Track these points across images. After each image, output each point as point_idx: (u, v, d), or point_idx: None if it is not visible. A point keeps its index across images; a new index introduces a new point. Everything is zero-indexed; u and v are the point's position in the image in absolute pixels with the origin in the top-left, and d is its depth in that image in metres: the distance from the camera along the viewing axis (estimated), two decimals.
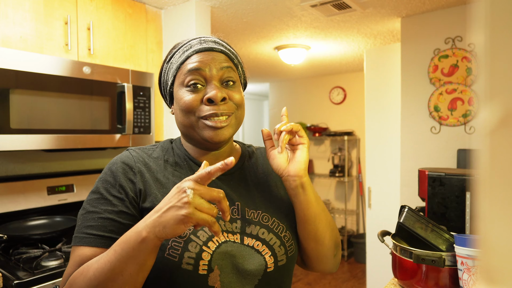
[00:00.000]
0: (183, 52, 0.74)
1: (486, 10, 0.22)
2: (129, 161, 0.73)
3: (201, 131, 0.71)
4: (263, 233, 0.72)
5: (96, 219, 0.67)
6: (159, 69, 0.82)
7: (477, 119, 0.23)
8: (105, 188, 0.70)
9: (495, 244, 0.22)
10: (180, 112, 0.73)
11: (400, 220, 1.19)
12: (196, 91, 0.71)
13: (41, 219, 1.82)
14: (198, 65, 0.71)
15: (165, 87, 0.80)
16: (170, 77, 0.76)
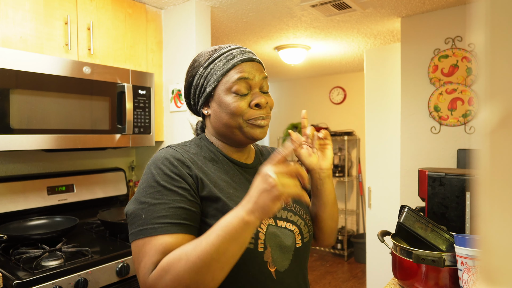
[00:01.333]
0: (227, 60, 0.82)
1: (486, 10, 0.22)
2: (179, 156, 0.79)
3: (249, 130, 0.82)
4: (291, 216, 0.87)
5: (167, 209, 0.71)
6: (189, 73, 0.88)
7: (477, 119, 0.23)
8: (166, 181, 0.74)
9: (495, 244, 0.22)
10: (226, 114, 0.82)
11: (400, 220, 1.19)
12: (243, 97, 0.82)
13: (41, 219, 1.82)
14: (246, 75, 0.81)
15: (201, 91, 0.85)
16: (213, 82, 0.82)
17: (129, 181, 2.40)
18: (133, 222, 0.73)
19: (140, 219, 0.72)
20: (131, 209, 0.74)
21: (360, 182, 4.52)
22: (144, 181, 0.76)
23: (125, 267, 1.56)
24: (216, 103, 0.83)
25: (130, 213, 0.74)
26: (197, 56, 0.88)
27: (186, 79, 0.89)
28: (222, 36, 2.87)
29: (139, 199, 0.74)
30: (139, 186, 0.77)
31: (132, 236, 0.72)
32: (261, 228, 0.79)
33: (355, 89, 4.60)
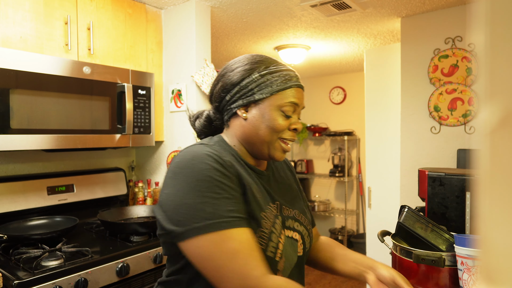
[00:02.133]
0: (285, 79, 0.85)
1: (486, 10, 0.22)
2: (219, 154, 0.79)
3: (274, 150, 0.86)
4: (297, 225, 0.90)
5: (232, 203, 0.73)
6: (239, 72, 0.88)
7: (477, 119, 0.23)
8: (220, 176, 0.74)
9: (495, 244, 0.22)
10: (266, 127, 0.84)
11: (400, 220, 1.19)
12: (288, 118, 0.85)
13: (41, 219, 1.81)
14: (298, 101, 0.86)
15: (247, 93, 0.86)
16: (266, 92, 0.84)
17: (129, 181, 2.40)
18: (195, 216, 0.70)
19: (205, 212, 0.70)
20: (188, 203, 0.71)
21: (360, 182, 4.52)
22: (191, 176, 0.73)
23: (125, 267, 1.56)
24: (259, 112, 0.84)
25: (187, 207, 0.71)
26: (251, 58, 0.89)
27: (231, 75, 0.88)
28: (222, 36, 2.87)
29: (195, 193, 0.72)
30: (181, 181, 0.74)
31: (199, 230, 0.70)
32: (281, 238, 0.82)
33: (355, 89, 4.60)
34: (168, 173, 0.78)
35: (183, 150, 0.80)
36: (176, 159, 0.79)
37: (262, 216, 0.80)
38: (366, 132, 3.22)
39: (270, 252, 0.79)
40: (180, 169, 0.75)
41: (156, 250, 1.73)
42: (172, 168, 0.77)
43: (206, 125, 0.97)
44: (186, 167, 0.75)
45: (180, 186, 0.73)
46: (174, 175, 0.76)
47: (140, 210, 2.06)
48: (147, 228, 1.78)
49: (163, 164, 2.33)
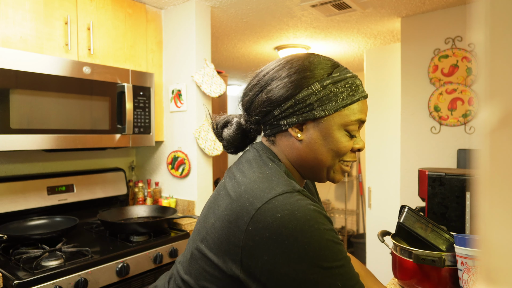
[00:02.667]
0: (352, 90, 0.70)
1: (486, 10, 0.22)
2: (318, 206, 0.65)
3: (335, 173, 0.75)
4: None
5: (350, 265, 0.63)
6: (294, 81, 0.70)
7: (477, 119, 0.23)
8: (335, 237, 0.63)
9: (495, 244, 0.22)
10: (329, 151, 0.71)
11: (400, 220, 1.19)
12: (352, 138, 0.73)
13: (41, 219, 1.82)
14: (365, 118, 0.73)
15: (303, 108, 0.70)
16: (329, 109, 0.69)
17: (129, 181, 2.40)
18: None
19: (336, 287, 0.59)
20: (313, 278, 0.58)
21: (360, 182, 4.52)
22: (312, 242, 0.58)
23: (125, 267, 1.56)
24: (320, 132, 0.70)
25: (313, 283, 0.58)
26: (306, 61, 0.71)
27: (280, 85, 0.70)
28: (222, 36, 2.87)
29: (320, 264, 0.58)
30: (296, 248, 0.58)
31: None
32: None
33: None
34: (264, 232, 0.59)
35: (278, 199, 0.61)
36: (274, 212, 0.60)
37: None
38: (366, 132, 3.22)
39: None
40: (292, 231, 0.58)
41: (156, 250, 1.73)
42: (274, 227, 0.59)
43: (238, 138, 0.79)
44: (301, 230, 0.58)
45: (297, 256, 0.58)
46: (282, 238, 0.58)
47: (140, 210, 2.06)
48: (147, 228, 1.78)
49: (163, 164, 2.33)
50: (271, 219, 0.59)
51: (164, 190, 2.33)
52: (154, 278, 1.71)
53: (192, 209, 2.14)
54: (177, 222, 1.99)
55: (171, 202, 2.18)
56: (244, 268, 0.61)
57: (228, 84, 4.99)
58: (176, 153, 2.22)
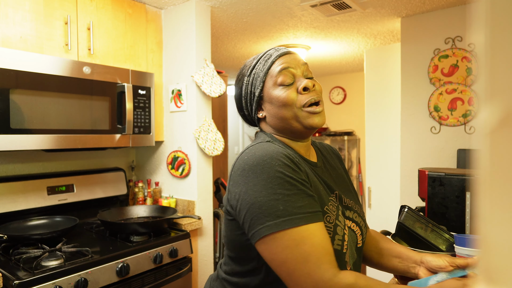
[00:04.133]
0: (265, 60, 0.86)
1: (486, 10, 0.22)
2: (288, 153, 0.77)
3: (305, 119, 0.82)
4: (356, 216, 0.88)
5: (303, 199, 0.72)
6: (236, 86, 0.92)
7: (477, 119, 0.23)
8: (291, 172, 0.73)
9: (495, 244, 0.22)
10: (279, 108, 0.83)
11: (400, 220, 1.19)
12: (290, 86, 0.83)
13: (41, 219, 1.82)
14: (286, 65, 0.84)
15: (251, 97, 0.88)
16: (258, 84, 0.85)
17: (129, 181, 2.40)
18: (269, 214, 0.69)
19: (277, 209, 0.69)
20: (260, 201, 0.71)
21: (360, 182, 4.52)
22: (262, 173, 0.72)
23: (125, 267, 1.56)
24: (267, 102, 0.85)
25: (259, 205, 0.70)
26: (241, 69, 0.91)
27: (236, 93, 0.92)
28: (222, 36, 2.87)
29: (267, 190, 0.71)
30: (253, 178, 0.72)
31: (272, 227, 0.69)
32: (346, 230, 0.81)
33: (355, 89, 4.60)
34: (237, 171, 0.77)
35: (249, 148, 0.79)
36: (244, 156, 0.77)
37: (326, 211, 0.78)
38: (366, 132, 3.22)
39: (337, 245, 0.78)
40: (251, 166, 0.74)
41: (156, 250, 1.73)
42: (241, 165, 0.76)
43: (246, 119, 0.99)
44: (257, 164, 0.73)
45: (252, 184, 0.72)
46: (244, 172, 0.74)
47: (140, 210, 2.06)
48: (147, 228, 1.78)
49: (163, 164, 2.33)
50: (242, 161, 0.77)
51: (164, 190, 2.33)
52: (154, 278, 1.72)
53: (192, 209, 2.14)
54: (177, 222, 1.99)
55: (171, 202, 2.18)
56: (230, 203, 0.78)
57: (228, 84, 4.99)
58: (176, 153, 2.22)
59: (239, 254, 0.82)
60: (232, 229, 0.80)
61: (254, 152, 0.76)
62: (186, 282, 1.88)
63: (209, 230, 2.22)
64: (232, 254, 0.84)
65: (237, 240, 0.80)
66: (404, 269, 0.94)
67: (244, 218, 0.73)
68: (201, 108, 2.17)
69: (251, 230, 0.72)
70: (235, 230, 0.79)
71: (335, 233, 0.78)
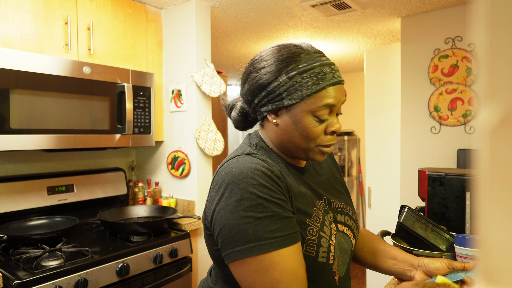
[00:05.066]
0: (317, 79, 0.73)
1: (486, 10, 0.22)
2: (270, 167, 0.73)
3: (314, 154, 0.79)
4: (347, 219, 0.86)
5: (275, 222, 0.68)
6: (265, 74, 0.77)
7: (477, 119, 0.23)
8: (266, 193, 0.69)
9: (495, 244, 0.22)
10: (300, 135, 0.76)
11: (400, 220, 1.19)
12: (323, 122, 0.76)
13: (41, 219, 1.82)
14: (334, 102, 0.74)
15: (275, 98, 0.76)
16: (295, 98, 0.74)
17: (129, 181, 2.40)
18: (238, 238, 0.67)
19: (247, 234, 0.67)
20: (230, 223, 0.68)
21: (360, 182, 4.52)
22: (236, 193, 0.69)
23: (125, 267, 1.56)
24: (291, 119, 0.76)
25: (229, 228, 0.68)
26: (278, 54, 0.77)
27: (256, 77, 0.78)
28: (222, 36, 2.87)
29: (237, 212, 0.68)
30: (226, 198, 0.70)
31: (241, 253, 0.67)
32: (332, 240, 0.78)
33: (355, 89, 4.60)
34: (214, 187, 0.74)
35: (230, 161, 0.76)
36: (222, 171, 0.74)
37: (308, 223, 0.75)
38: (366, 132, 3.22)
39: (322, 258, 0.76)
40: (227, 183, 0.71)
41: (156, 250, 1.73)
42: (219, 181, 0.73)
43: (241, 119, 0.90)
44: (231, 183, 0.70)
45: (224, 204, 0.70)
46: (220, 190, 0.72)
47: (140, 210, 2.06)
48: (147, 228, 1.78)
49: (163, 164, 2.33)
50: (219, 176, 0.74)
51: (164, 190, 2.33)
52: (154, 278, 1.72)
53: (192, 209, 2.14)
54: (177, 222, 1.99)
55: (171, 202, 2.18)
56: (207, 218, 0.77)
57: (228, 84, 4.99)
58: (176, 153, 2.22)
59: (221, 268, 0.80)
60: (210, 244, 0.79)
61: (231, 168, 0.73)
62: (186, 282, 1.88)
63: None
64: (217, 267, 0.83)
65: (217, 256, 0.78)
66: (399, 271, 0.93)
67: (217, 238, 0.72)
68: (201, 108, 2.17)
69: (223, 252, 0.71)
70: (214, 245, 0.77)
71: (319, 245, 0.75)
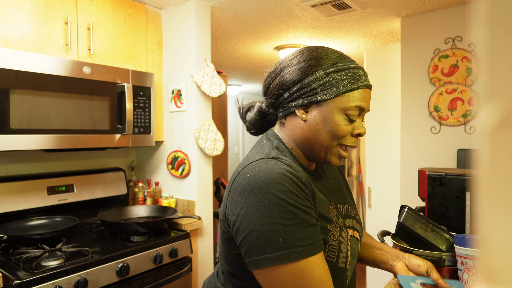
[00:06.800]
0: (353, 79, 0.76)
1: (486, 9, 0.22)
2: (296, 173, 0.73)
3: (331, 156, 0.80)
4: (355, 223, 0.87)
5: (303, 229, 0.68)
6: (301, 68, 0.78)
7: (477, 119, 0.23)
8: (295, 200, 0.69)
9: (495, 244, 0.22)
10: (327, 132, 0.77)
11: (400, 220, 1.19)
12: (351, 123, 0.78)
13: (41, 219, 1.82)
14: (365, 105, 0.77)
15: (308, 92, 0.77)
16: (330, 93, 0.76)
17: (129, 181, 2.40)
18: (267, 245, 0.67)
19: (276, 242, 0.66)
20: (258, 230, 0.67)
21: (360, 182, 4.52)
22: (264, 198, 0.68)
23: (125, 267, 1.56)
24: (321, 115, 0.77)
25: (257, 234, 0.67)
26: (315, 52, 0.79)
27: (290, 71, 0.79)
28: (222, 36, 2.87)
29: (267, 219, 0.67)
30: (253, 203, 0.68)
31: (271, 261, 0.66)
32: (348, 245, 0.79)
33: None
34: (237, 188, 0.72)
35: (255, 163, 0.74)
36: (246, 173, 0.73)
37: (329, 229, 0.76)
38: (366, 132, 3.22)
39: (341, 263, 0.76)
40: (252, 187, 0.69)
41: (156, 250, 1.73)
42: (243, 184, 0.71)
43: (258, 120, 0.89)
44: (258, 187, 0.69)
45: (252, 209, 0.68)
46: (245, 193, 0.70)
47: (140, 210, 2.06)
48: (147, 228, 1.78)
49: (163, 164, 2.33)
50: (243, 178, 0.72)
51: (164, 190, 2.33)
52: (154, 278, 1.72)
53: (192, 209, 2.14)
54: (177, 222, 1.99)
55: (171, 202, 2.18)
56: (227, 222, 0.74)
57: (228, 84, 4.99)
58: (176, 153, 2.22)
59: (239, 272, 0.79)
60: (229, 248, 0.78)
61: (257, 171, 0.71)
62: (186, 282, 1.88)
63: (209, 230, 2.22)
64: (232, 271, 0.82)
65: (235, 260, 0.77)
66: (383, 259, 0.96)
67: (241, 243, 0.71)
68: (201, 108, 2.17)
69: (248, 257, 0.69)
70: (233, 249, 0.76)
71: (339, 251, 0.76)
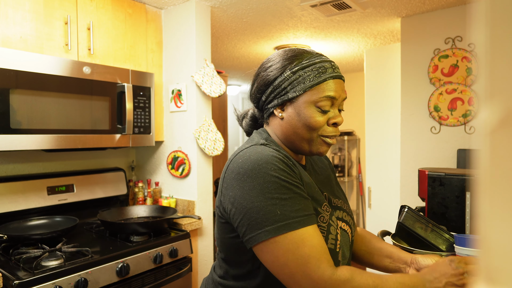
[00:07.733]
0: (318, 73, 0.81)
1: (486, 9, 0.22)
2: (283, 156, 0.78)
3: (316, 146, 0.84)
4: (345, 216, 0.91)
5: (299, 202, 0.74)
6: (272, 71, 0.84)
7: (477, 119, 0.23)
8: (286, 176, 0.74)
9: (495, 244, 0.22)
10: (303, 126, 0.82)
11: (400, 220, 1.19)
12: (325, 113, 0.82)
13: (41, 219, 1.82)
14: (335, 94, 0.81)
15: (280, 92, 0.83)
16: (299, 90, 0.81)
17: (129, 181, 2.40)
18: (267, 219, 0.71)
19: (275, 214, 0.71)
20: (257, 206, 0.72)
21: (360, 182, 4.52)
22: (258, 177, 0.73)
23: (125, 267, 1.56)
24: (295, 110, 0.82)
25: (257, 210, 0.71)
26: (283, 55, 0.85)
27: (264, 75, 0.86)
28: (222, 36, 2.87)
29: (264, 195, 0.72)
30: (248, 183, 0.73)
31: (271, 232, 0.70)
32: (338, 230, 0.83)
33: (355, 89, 4.60)
34: (231, 174, 0.77)
35: (245, 150, 0.79)
36: (238, 159, 0.78)
37: (319, 211, 0.80)
38: (366, 132, 3.22)
39: (331, 244, 0.80)
40: (246, 170, 0.74)
41: (156, 250, 1.73)
42: (236, 168, 0.76)
43: (252, 124, 0.97)
44: (252, 169, 0.74)
45: (248, 189, 0.73)
46: (239, 176, 0.75)
47: (140, 210, 2.06)
48: (147, 228, 1.78)
49: (163, 164, 2.33)
50: (235, 164, 0.77)
51: (164, 190, 2.33)
52: (154, 278, 1.72)
53: (192, 209, 2.14)
54: (177, 222, 1.99)
55: (171, 202, 2.18)
56: (223, 206, 0.79)
57: (228, 84, 4.99)
58: (176, 153, 2.22)
59: (233, 257, 0.83)
60: (225, 232, 0.81)
61: (248, 155, 0.76)
62: (186, 282, 1.88)
63: (209, 230, 2.22)
64: (226, 256, 0.85)
65: (230, 243, 0.81)
66: (395, 269, 0.96)
67: (240, 222, 0.74)
68: (201, 108, 2.17)
69: (248, 234, 0.73)
70: (228, 233, 0.80)
71: (328, 232, 0.80)
